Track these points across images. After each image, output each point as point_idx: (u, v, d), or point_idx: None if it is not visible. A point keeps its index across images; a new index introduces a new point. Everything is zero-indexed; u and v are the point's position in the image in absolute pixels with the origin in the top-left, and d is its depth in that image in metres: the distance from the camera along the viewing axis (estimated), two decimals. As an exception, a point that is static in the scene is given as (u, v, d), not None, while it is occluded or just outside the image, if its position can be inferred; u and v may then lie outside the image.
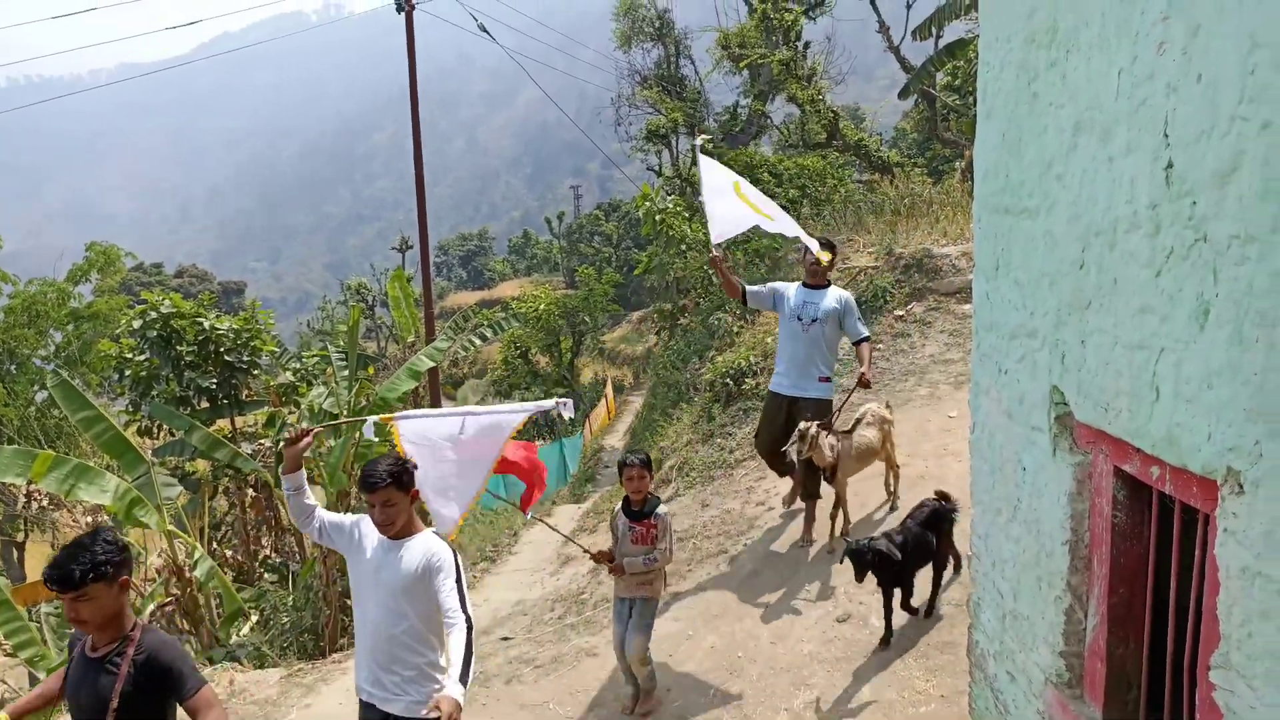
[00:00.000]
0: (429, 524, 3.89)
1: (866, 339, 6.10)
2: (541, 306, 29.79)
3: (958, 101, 24.99)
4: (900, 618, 4.90)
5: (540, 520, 7.90)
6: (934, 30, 20.65)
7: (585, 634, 6.25)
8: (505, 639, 6.63)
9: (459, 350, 14.71)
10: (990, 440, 3.36)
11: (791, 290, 6.17)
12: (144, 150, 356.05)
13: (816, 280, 6.14)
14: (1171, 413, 2.00)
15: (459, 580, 3.52)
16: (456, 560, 3.59)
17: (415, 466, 3.73)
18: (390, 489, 3.49)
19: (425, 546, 3.56)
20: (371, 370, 13.89)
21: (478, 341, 14.57)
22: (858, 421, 6.01)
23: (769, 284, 6.43)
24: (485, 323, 15.35)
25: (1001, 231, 3.10)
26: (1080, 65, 2.41)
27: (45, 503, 15.72)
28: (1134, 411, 2.18)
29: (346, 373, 10.96)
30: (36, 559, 22.68)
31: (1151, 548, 2.43)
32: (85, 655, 2.96)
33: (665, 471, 9.46)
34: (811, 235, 6.38)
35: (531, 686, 5.66)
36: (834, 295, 6.09)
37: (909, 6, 22.70)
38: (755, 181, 20.78)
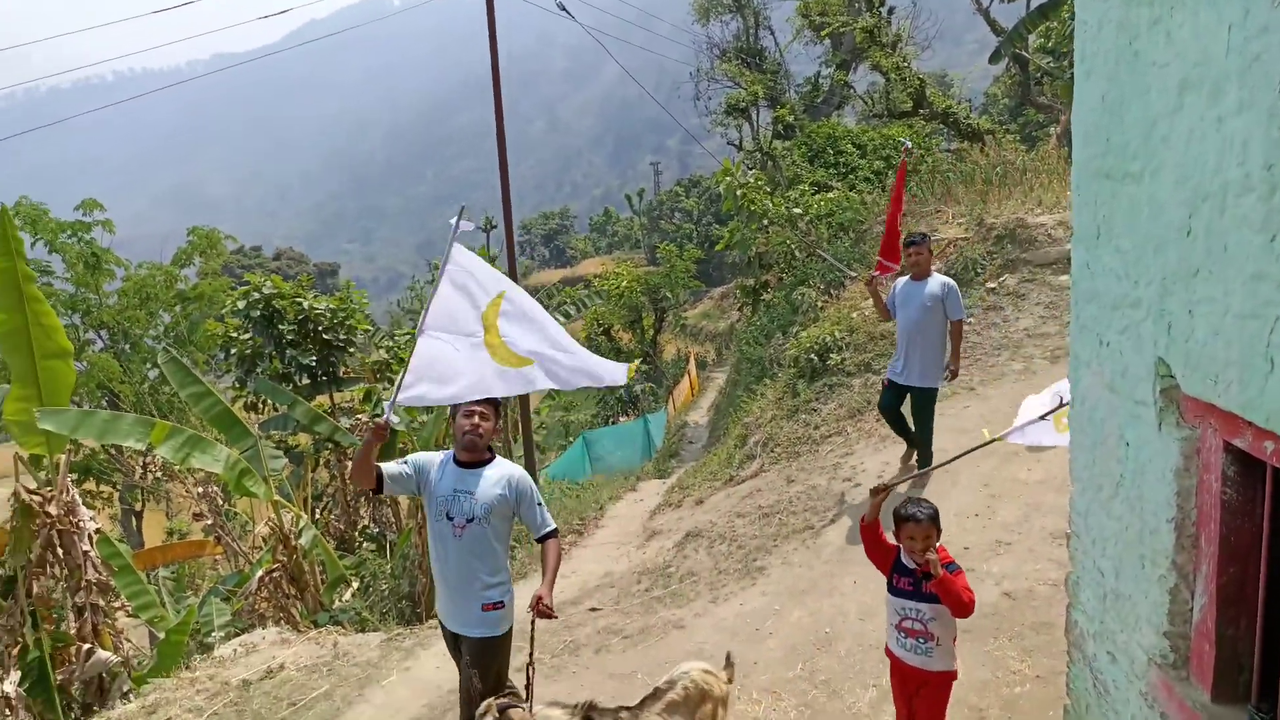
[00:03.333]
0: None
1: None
2: (623, 283, 29.94)
3: (1052, 64, 23.95)
4: (991, 595, 4.82)
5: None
6: (1027, -10, 19.79)
7: (672, 607, 6.33)
8: (594, 610, 6.76)
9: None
10: (1091, 415, 3.26)
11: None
12: (239, 138, 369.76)
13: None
14: (1288, 385, 1.92)
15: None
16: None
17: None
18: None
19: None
20: (460, 347, 14.21)
21: (561, 319, 14.74)
22: (654, 695, 4.03)
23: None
24: (568, 300, 15.55)
25: (1102, 197, 2.99)
26: (1186, 21, 2.30)
27: (160, 474, 16.69)
28: (1245, 384, 2.10)
29: (436, 350, 11.25)
30: (153, 527, 24.14)
31: (1265, 525, 2.33)
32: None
33: (750, 447, 9.46)
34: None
35: (619, 656, 5.77)
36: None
37: (1000, -34, 21.83)
38: (838, 153, 20.48)
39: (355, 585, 9.35)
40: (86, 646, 7.48)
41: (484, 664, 4.04)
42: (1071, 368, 3.46)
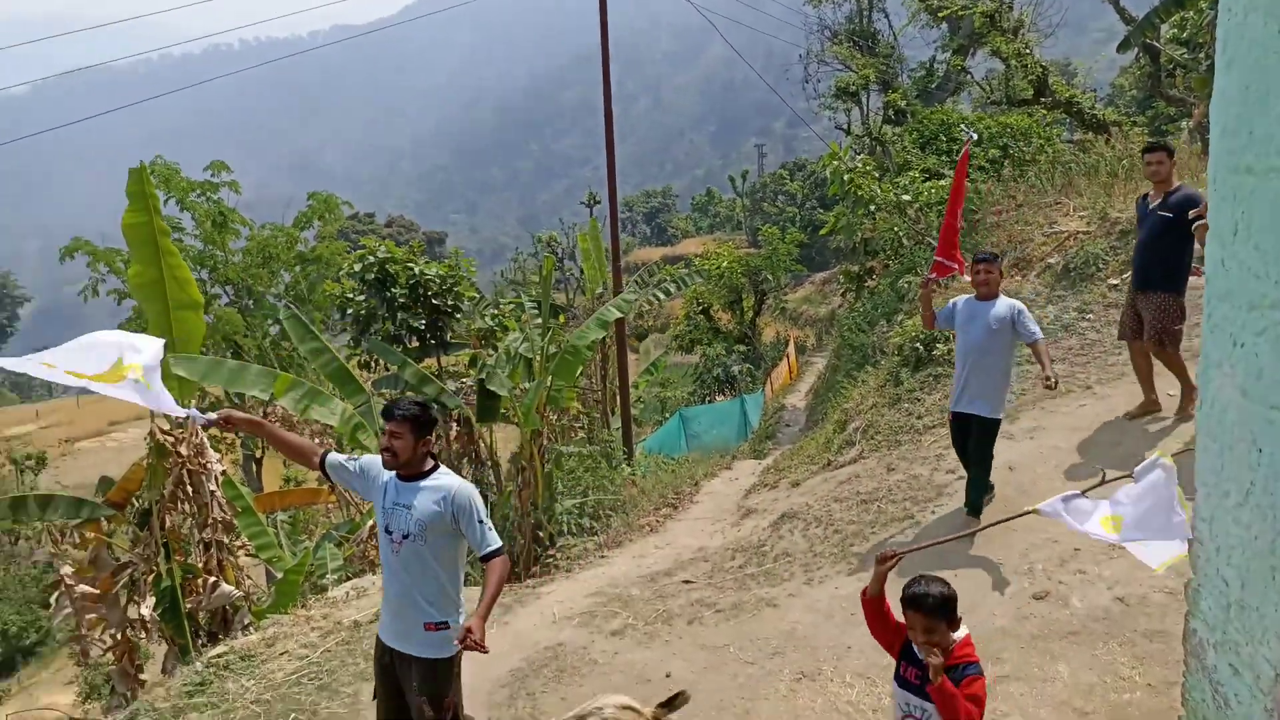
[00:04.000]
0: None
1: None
2: (724, 264, 29.87)
3: (1186, 55, 22.60)
4: (1102, 599, 4.72)
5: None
6: (1160, -23, 18.72)
7: (766, 585, 6.40)
8: (687, 582, 6.89)
9: (644, 304, 15.11)
10: (1221, 418, 3.17)
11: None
12: (355, 108, 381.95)
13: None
14: None
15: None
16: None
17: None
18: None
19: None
20: (563, 319, 14.53)
21: (662, 296, 14.87)
22: None
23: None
24: (669, 278, 15.63)
25: (1242, 193, 2.89)
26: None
27: (279, 423, 17.59)
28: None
29: (539, 320, 11.54)
30: (271, 474, 25.51)
31: None
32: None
33: (849, 433, 9.41)
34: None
35: (712, 629, 5.88)
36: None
37: (1133, -49, 20.70)
38: (951, 140, 19.88)
39: (457, 543, 9.73)
40: (213, 580, 8.04)
41: (433, 690, 3.84)
42: (1201, 368, 3.36)
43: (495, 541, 3.82)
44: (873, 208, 15.46)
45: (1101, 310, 8.87)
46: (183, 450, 8.37)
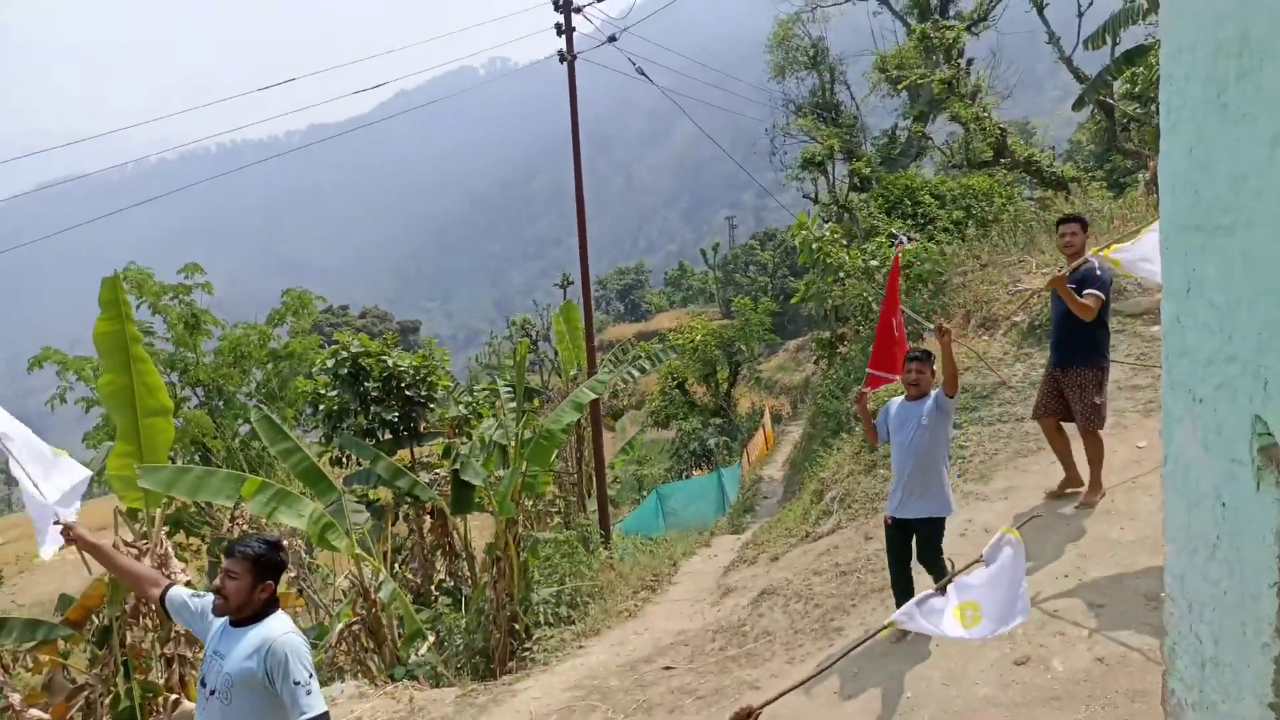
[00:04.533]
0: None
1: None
2: (698, 337, 30.00)
3: (1138, 110, 23.39)
4: (1082, 661, 4.58)
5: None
6: (1109, 38, 19.50)
7: (747, 667, 6.20)
8: (667, 668, 6.66)
9: (618, 382, 15.06)
10: (1185, 474, 3.11)
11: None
12: (328, 204, 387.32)
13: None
14: (1397, 443, 1.81)
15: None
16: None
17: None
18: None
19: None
20: (537, 403, 14.42)
21: (636, 373, 14.85)
22: None
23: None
24: (643, 354, 15.63)
25: (1192, 250, 2.89)
26: (1277, 74, 2.24)
27: (247, 527, 17.18)
28: (1352, 441, 1.99)
29: (514, 405, 11.43)
30: (240, 578, 24.74)
31: (1380, 592, 2.18)
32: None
33: (826, 503, 9.28)
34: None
35: (693, 717, 5.66)
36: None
37: (1080, 15, 21.56)
38: (916, 204, 20.32)
39: (431, 639, 9.43)
40: (174, 697, 7.68)
41: None
42: (1164, 424, 3.32)
43: (315, 707, 3.14)
44: (842, 274, 15.64)
45: (1068, 365, 8.89)
46: (146, 562, 8.11)
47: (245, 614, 3.32)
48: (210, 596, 3.45)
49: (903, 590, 5.68)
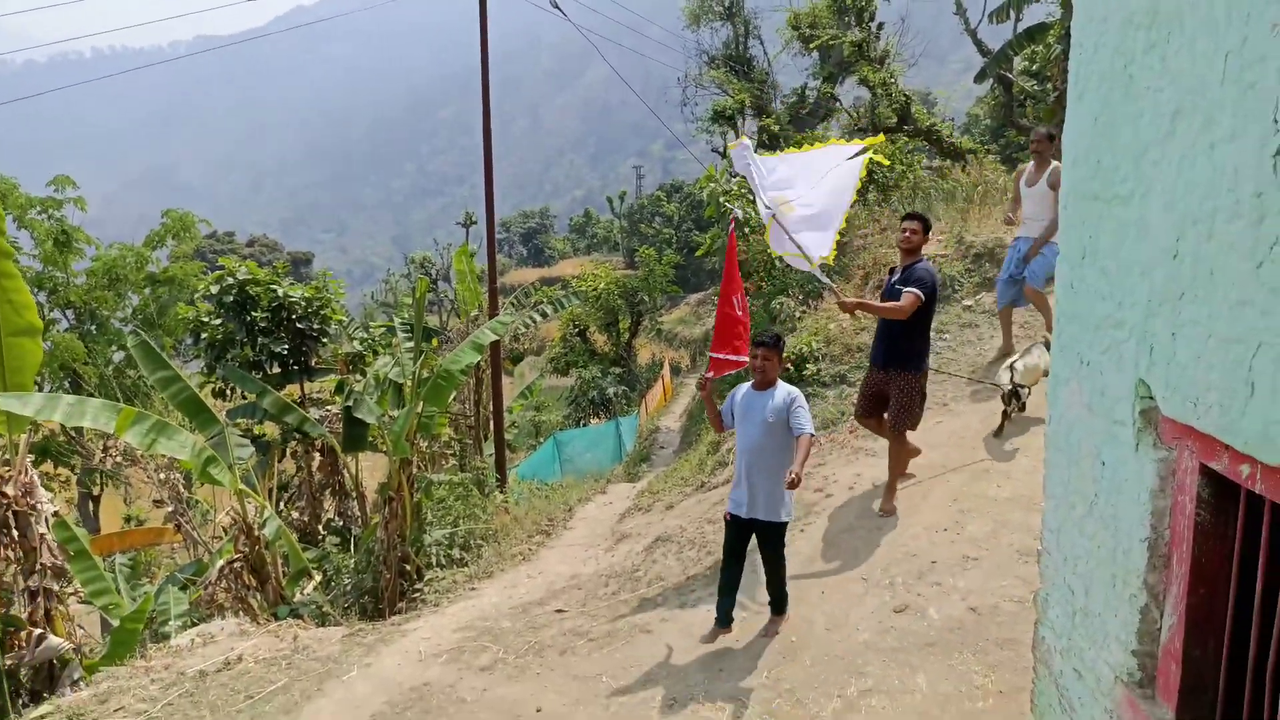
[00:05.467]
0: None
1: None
2: (601, 285, 29.88)
3: (1035, 87, 24.27)
4: (957, 610, 4.84)
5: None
6: (1012, 13, 20.10)
7: (640, 611, 6.30)
8: (559, 611, 6.72)
9: (519, 326, 14.87)
10: (1068, 433, 3.28)
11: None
12: (217, 122, 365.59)
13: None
14: (1268, 410, 1.94)
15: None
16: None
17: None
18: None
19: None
20: (435, 343, 14.12)
21: (538, 318, 14.68)
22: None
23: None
24: (546, 300, 15.46)
25: (1090, 218, 3.02)
26: (1183, 48, 2.32)
27: (120, 458, 16.39)
28: (1225, 407, 2.12)
29: (411, 344, 11.16)
30: (109, 513, 23.68)
31: (1236, 548, 2.36)
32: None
33: (722, 454, 9.46)
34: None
35: (585, 659, 5.73)
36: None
37: (988, -12, 22.11)
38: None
39: (317, 579, 9.23)
40: (38, 632, 7.31)
41: None
42: (1050, 387, 3.48)
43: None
44: (746, 230, 15.77)
45: (958, 330, 9.26)
46: (8, 490, 7.64)
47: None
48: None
49: (731, 591, 5.49)
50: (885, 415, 6.41)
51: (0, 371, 7.77)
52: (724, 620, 5.55)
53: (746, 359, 5.90)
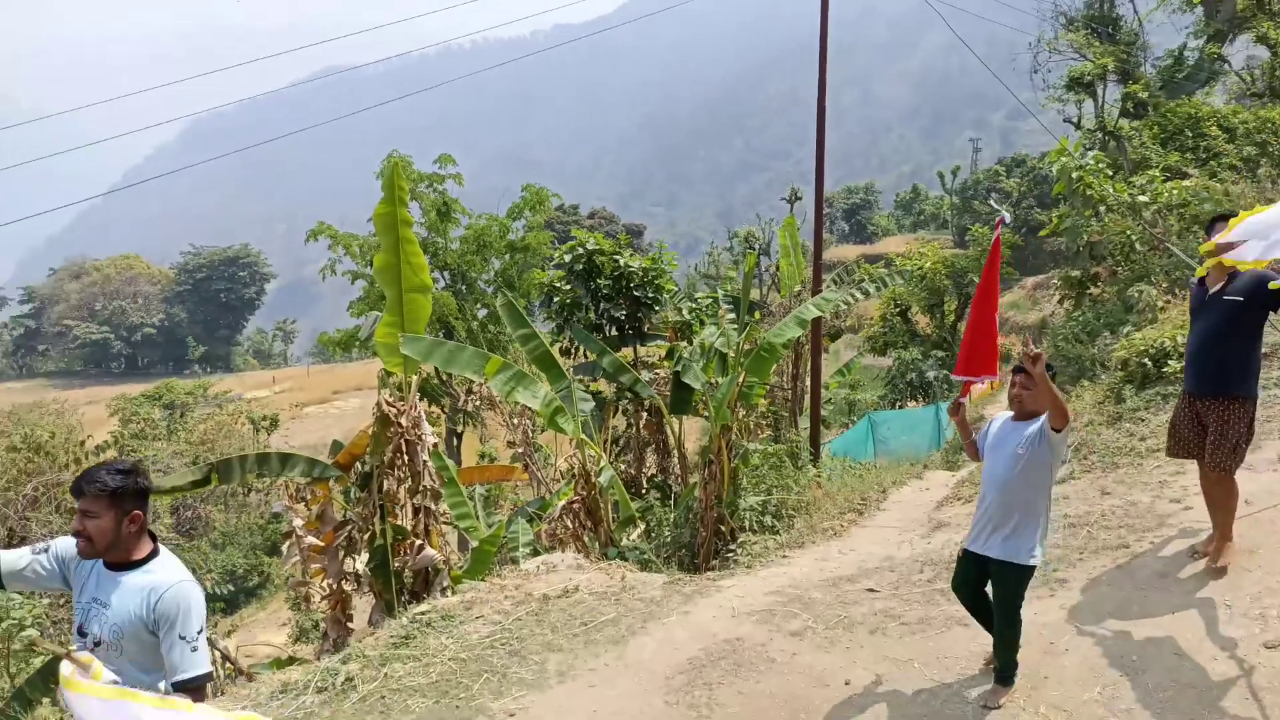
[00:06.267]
0: None
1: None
2: (927, 264, 28.65)
3: None
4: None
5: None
6: None
7: (956, 603, 6.10)
8: (871, 590, 6.71)
9: (840, 303, 14.76)
10: None
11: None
12: (566, 103, 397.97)
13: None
14: None
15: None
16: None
17: None
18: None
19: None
20: (759, 316, 14.49)
21: (859, 296, 14.47)
22: None
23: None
24: (869, 278, 15.17)
25: None
26: None
27: (480, 402, 18.75)
28: None
29: (734, 315, 11.56)
30: (468, 450, 27.22)
31: None
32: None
33: (1058, 451, 8.80)
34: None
35: (896, 641, 5.70)
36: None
37: None
38: (1199, 136, 18.05)
39: (641, 528, 9.98)
40: (419, 543, 8.66)
41: None
42: None
43: (197, 667, 2.97)
44: (1103, 209, 14.31)
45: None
46: (403, 421, 9.08)
47: (119, 553, 3.05)
48: (59, 543, 3.15)
49: (981, 612, 4.95)
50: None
51: (401, 321, 9.23)
52: (1003, 680, 4.80)
53: (991, 379, 5.40)
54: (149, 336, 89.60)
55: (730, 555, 8.51)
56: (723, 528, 9.16)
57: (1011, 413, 4.82)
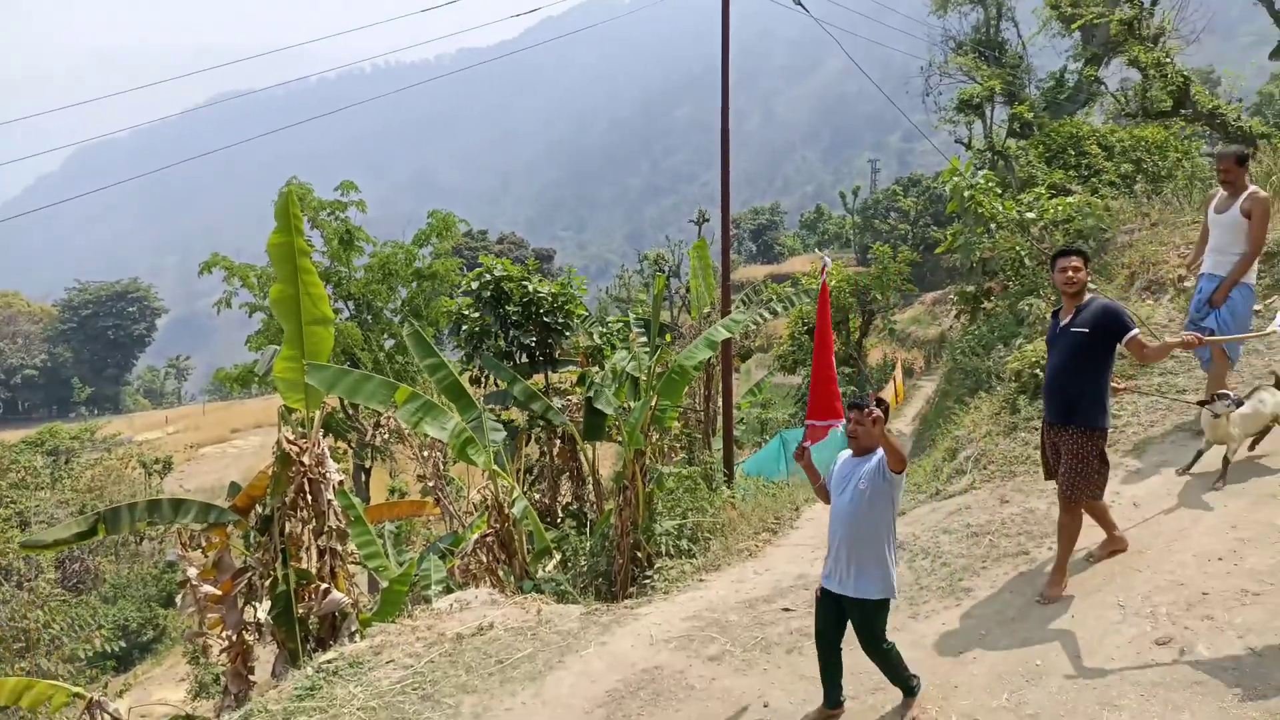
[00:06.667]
0: None
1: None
2: (831, 283, 29.35)
3: (1349, 59, 20.99)
4: (1233, 649, 4.37)
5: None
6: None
7: (868, 616, 6.20)
8: (787, 610, 6.75)
9: (749, 324, 14.96)
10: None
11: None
12: (473, 128, 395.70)
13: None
14: None
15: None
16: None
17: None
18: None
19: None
20: (670, 338, 14.57)
21: (768, 316, 14.70)
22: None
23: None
24: (776, 297, 15.44)
25: None
26: None
27: (388, 435, 18.25)
28: None
29: (646, 338, 11.58)
30: (377, 485, 26.46)
31: None
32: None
33: (959, 461, 9.06)
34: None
35: (812, 660, 5.69)
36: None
37: (1291, -52, 19.43)
38: (1080, 154, 19.03)
39: (557, 559, 9.85)
40: (325, 586, 8.34)
41: None
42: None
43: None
44: (994, 226, 14.91)
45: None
46: (305, 459, 8.74)
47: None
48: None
49: (832, 673, 4.98)
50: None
51: (301, 355, 8.93)
52: (908, 693, 4.91)
53: (841, 423, 5.44)
54: (30, 378, 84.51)
55: (648, 581, 8.46)
56: (639, 554, 9.11)
57: (851, 451, 4.94)
